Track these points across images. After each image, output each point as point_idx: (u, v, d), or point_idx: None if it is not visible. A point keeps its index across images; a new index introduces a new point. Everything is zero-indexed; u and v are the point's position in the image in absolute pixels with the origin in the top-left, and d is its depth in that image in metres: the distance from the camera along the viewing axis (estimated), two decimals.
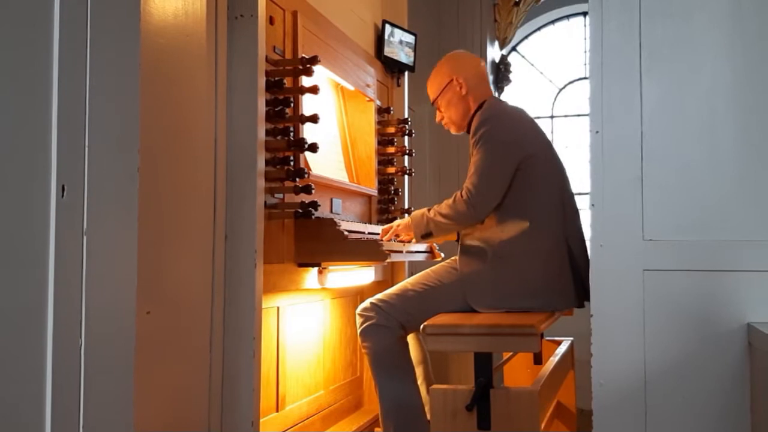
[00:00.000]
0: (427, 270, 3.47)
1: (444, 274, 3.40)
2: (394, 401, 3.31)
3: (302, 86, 3.18)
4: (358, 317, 3.42)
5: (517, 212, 3.29)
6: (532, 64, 7.97)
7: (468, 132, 3.51)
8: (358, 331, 3.41)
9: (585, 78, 7.48)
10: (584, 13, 7.41)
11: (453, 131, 3.67)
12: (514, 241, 3.27)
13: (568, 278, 3.29)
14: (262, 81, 2.88)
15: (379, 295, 3.43)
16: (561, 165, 3.51)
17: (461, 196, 3.30)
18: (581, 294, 3.30)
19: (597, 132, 2.53)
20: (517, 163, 3.30)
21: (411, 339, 3.46)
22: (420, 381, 3.47)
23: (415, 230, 3.44)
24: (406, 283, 3.47)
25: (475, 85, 3.54)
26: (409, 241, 3.57)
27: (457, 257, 3.41)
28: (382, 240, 3.49)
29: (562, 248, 3.30)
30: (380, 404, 3.35)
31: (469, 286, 3.30)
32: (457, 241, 3.49)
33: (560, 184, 3.42)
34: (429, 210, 3.41)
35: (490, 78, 6.25)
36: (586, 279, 2.54)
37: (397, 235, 3.54)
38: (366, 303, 3.42)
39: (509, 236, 3.28)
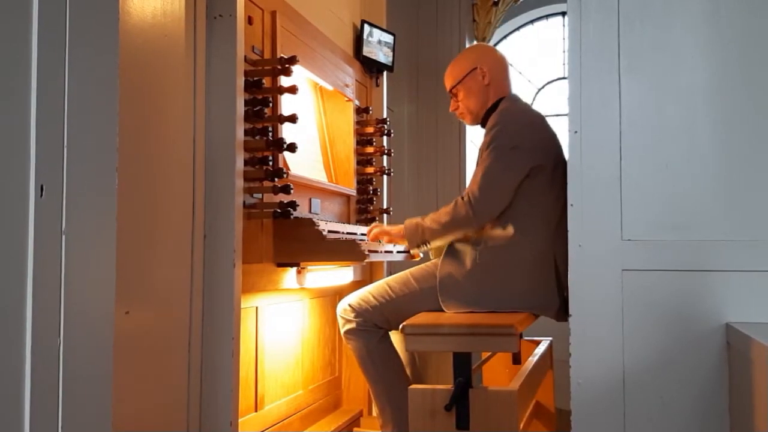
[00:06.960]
0: (407, 272, 3.43)
1: (424, 278, 3.36)
2: (387, 396, 3.34)
3: (281, 86, 3.17)
4: (339, 319, 3.43)
5: (510, 220, 3.23)
6: (511, 64, 7.92)
7: (482, 126, 3.46)
8: (341, 333, 3.43)
9: (564, 78, 7.51)
10: (563, 14, 7.44)
11: (467, 122, 3.60)
12: (499, 249, 3.23)
13: (551, 292, 3.23)
14: (240, 81, 2.87)
15: (358, 295, 3.42)
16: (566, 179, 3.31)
17: (464, 200, 3.22)
18: (564, 309, 3.17)
19: (576, 132, 2.54)
20: (526, 172, 3.22)
21: (394, 335, 3.44)
22: None
23: (409, 240, 3.37)
24: (385, 284, 3.43)
25: (497, 77, 3.47)
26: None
27: (437, 261, 3.37)
28: (367, 239, 3.48)
29: (548, 261, 3.22)
30: (375, 402, 3.41)
31: (443, 285, 3.26)
32: None
33: (560, 199, 3.04)
34: (423, 219, 3.33)
35: None
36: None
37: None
38: (345, 305, 3.41)
39: (496, 243, 3.23)
